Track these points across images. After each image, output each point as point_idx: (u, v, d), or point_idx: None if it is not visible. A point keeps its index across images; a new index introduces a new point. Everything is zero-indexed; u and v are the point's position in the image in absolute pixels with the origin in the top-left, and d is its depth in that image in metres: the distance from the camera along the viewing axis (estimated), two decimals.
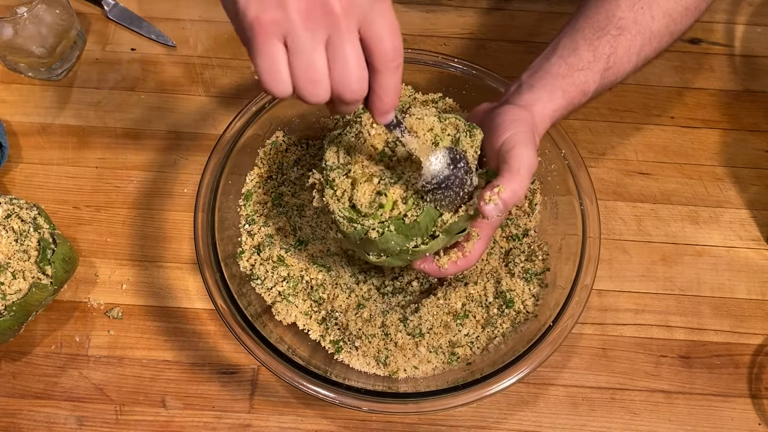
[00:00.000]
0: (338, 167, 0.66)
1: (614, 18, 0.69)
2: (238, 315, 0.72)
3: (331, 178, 0.65)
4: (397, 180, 0.65)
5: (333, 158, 0.67)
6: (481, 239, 0.68)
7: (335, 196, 0.65)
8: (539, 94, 0.67)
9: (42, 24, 0.90)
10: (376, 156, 0.66)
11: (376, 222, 0.64)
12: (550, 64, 0.69)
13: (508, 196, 0.61)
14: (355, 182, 0.65)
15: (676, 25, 0.72)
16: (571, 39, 0.70)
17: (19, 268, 0.76)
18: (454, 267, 0.68)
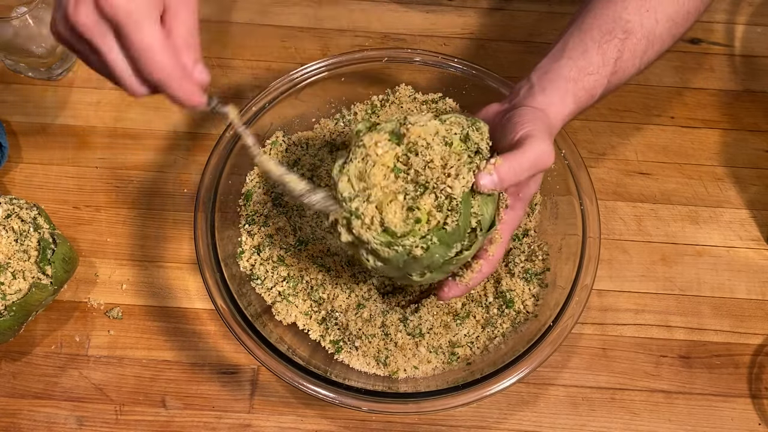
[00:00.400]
0: (357, 195, 0.63)
1: (621, 20, 0.69)
2: (238, 315, 0.72)
3: (354, 207, 0.63)
4: (423, 190, 0.62)
5: (348, 188, 0.64)
6: (503, 241, 0.68)
7: (364, 225, 0.62)
8: (552, 98, 0.67)
9: (42, 24, 0.90)
10: (390, 174, 0.63)
11: (417, 238, 0.61)
12: (560, 66, 0.69)
13: (506, 171, 0.61)
14: (381, 205, 0.62)
15: (678, 29, 0.72)
16: (579, 39, 0.70)
17: (19, 268, 0.76)
18: (479, 276, 0.68)
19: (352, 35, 1.01)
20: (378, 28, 1.01)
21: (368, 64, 0.84)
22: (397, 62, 0.85)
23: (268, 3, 1.03)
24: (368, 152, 0.63)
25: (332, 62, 0.83)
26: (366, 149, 0.64)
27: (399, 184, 0.63)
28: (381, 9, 1.03)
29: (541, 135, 0.63)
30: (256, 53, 0.99)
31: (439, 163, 0.62)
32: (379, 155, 0.63)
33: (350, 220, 0.63)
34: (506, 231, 0.68)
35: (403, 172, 0.63)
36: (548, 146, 0.63)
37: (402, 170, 0.63)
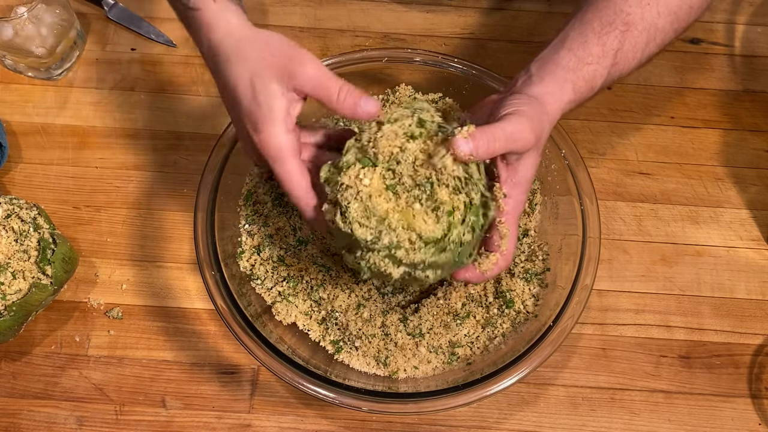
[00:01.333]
0: (379, 231, 0.61)
1: (622, 13, 0.69)
2: (238, 315, 0.72)
3: (387, 243, 0.61)
4: (431, 186, 0.61)
5: (366, 233, 0.61)
6: (511, 233, 0.67)
7: (409, 250, 0.61)
8: (550, 87, 0.67)
9: (42, 24, 0.90)
10: (389, 194, 0.62)
11: (460, 227, 0.61)
12: (559, 57, 0.69)
13: (479, 136, 0.60)
14: (408, 224, 0.61)
15: (680, 23, 0.72)
16: (579, 32, 0.70)
17: (19, 268, 0.76)
18: (496, 269, 0.68)
19: (352, 35, 1.01)
20: (378, 28, 1.01)
21: (368, 64, 0.84)
22: (397, 62, 0.85)
23: (268, 3, 1.03)
24: (357, 189, 0.61)
25: (332, 62, 0.83)
26: (352, 188, 0.61)
27: (405, 197, 0.62)
28: (381, 9, 1.03)
29: (524, 114, 0.63)
30: None
31: (423, 157, 0.61)
32: (368, 185, 0.61)
33: (393, 255, 0.61)
34: (511, 221, 0.67)
35: (398, 185, 0.62)
36: (526, 124, 0.62)
37: (394, 184, 0.62)
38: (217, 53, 0.65)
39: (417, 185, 0.61)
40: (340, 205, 0.62)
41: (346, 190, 0.62)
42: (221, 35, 0.65)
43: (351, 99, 0.63)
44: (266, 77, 0.63)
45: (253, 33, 0.65)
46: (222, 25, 0.65)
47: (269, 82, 0.63)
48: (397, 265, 0.62)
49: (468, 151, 0.60)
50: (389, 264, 0.62)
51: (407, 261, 0.61)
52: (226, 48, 0.65)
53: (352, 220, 0.61)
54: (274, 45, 0.64)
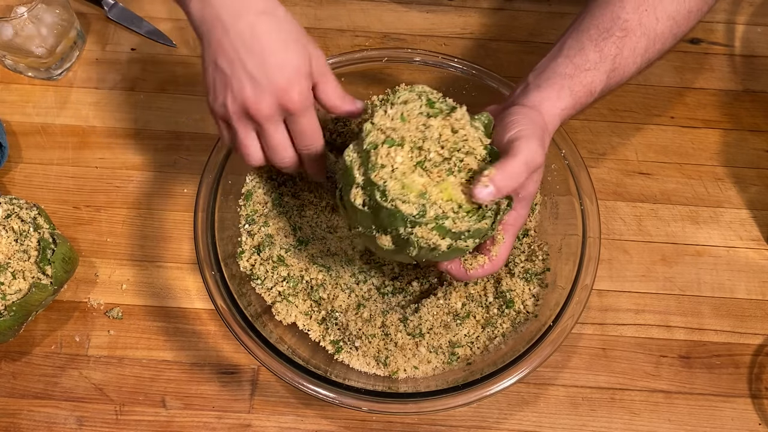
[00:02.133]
0: (423, 205, 0.62)
1: (619, 20, 0.69)
2: (238, 315, 0.72)
3: (433, 215, 0.61)
4: (462, 157, 0.62)
5: (411, 207, 0.62)
6: (506, 242, 0.68)
7: (455, 218, 0.62)
8: (547, 93, 0.67)
9: (42, 24, 0.90)
10: (421, 170, 0.63)
11: None
12: (557, 64, 0.69)
13: (501, 180, 0.60)
14: (447, 196, 0.62)
15: (679, 28, 0.72)
16: (576, 40, 0.70)
17: (19, 268, 0.76)
18: (481, 271, 0.68)
19: (352, 35, 1.01)
20: (378, 28, 1.01)
21: (368, 64, 0.84)
22: (397, 62, 0.85)
23: None
24: (392, 168, 0.62)
25: (332, 62, 0.83)
26: (386, 167, 0.62)
27: (437, 171, 0.62)
28: (381, 9, 1.03)
29: (529, 134, 0.63)
30: None
31: (448, 133, 0.63)
32: (401, 162, 0.62)
33: (441, 226, 0.62)
34: (509, 232, 0.68)
35: (426, 161, 0.62)
36: (536, 145, 0.63)
37: (423, 161, 0.62)
38: (247, 3, 0.65)
39: (445, 159, 0.62)
40: (376, 185, 0.62)
41: (381, 169, 0.62)
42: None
43: (341, 91, 0.71)
44: (301, 39, 0.67)
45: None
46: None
47: (302, 46, 0.67)
48: (443, 236, 0.62)
49: (489, 198, 0.61)
50: (436, 236, 0.62)
51: (455, 230, 0.62)
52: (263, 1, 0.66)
53: (394, 197, 0.61)
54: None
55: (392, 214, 0.61)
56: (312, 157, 0.72)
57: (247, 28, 0.65)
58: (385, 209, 0.61)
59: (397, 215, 0.61)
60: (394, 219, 0.61)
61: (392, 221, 0.62)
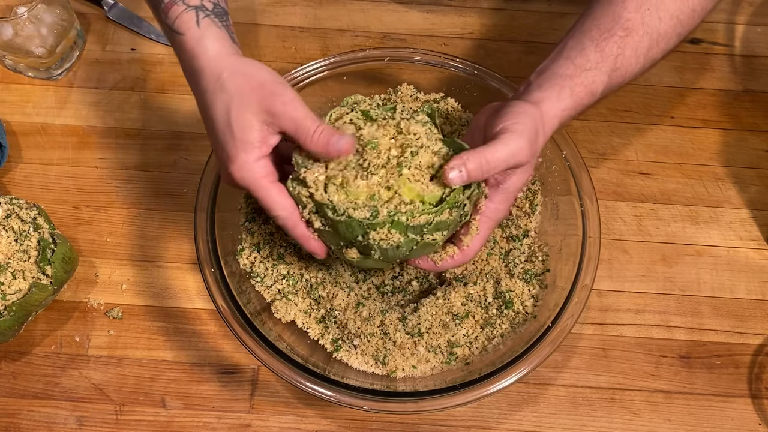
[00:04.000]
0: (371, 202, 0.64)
1: (621, 19, 0.69)
2: (238, 312, 0.72)
3: (389, 212, 0.63)
4: (412, 155, 0.64)
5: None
6: (480, 234, 0.68)
7: (412, 212, 0.62)
8: (547, 93, 0.67)
9: (42, 24, 0.90)
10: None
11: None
12: (557, 65, 0.69)
13: (473, 167, 0.61)
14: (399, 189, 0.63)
15: (683, 27, 0.72)
16: (578, 40, 0.70)
17: (19, 268, 0.76)
18: (450, 261, 0.68)
19: (352, 35, 1.01)
20: (378, 28, 1.01)
21: (369, 64, 0.84)
22: (399, 62, 0.85)
23: (268, 3, 1.03)
24: (323, 185, 0.65)
25: (333, 61, 0.83)
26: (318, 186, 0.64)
27: (384, 172, 0.64)
28: (381, 9, 1.03)
29: (519, 130, 0.63)
30: (256, 53, 0.99)
31: (389, 133, 0.65)
32: (324, 174, 0.65)
33: (397, 222, 0.62)
34: (485, 223, 0.68)
35: (369, 167, 0.64)
36: (524, 143, 0.63)
37: (366, 166, 0.64)
38: (199, 81, 0.66)
39: (389, 159, 0.64)
40: (324, 205, 0.63)
41: (319, 189, 0.64)
42: (203, 63, 0.65)
43: (324, 138, 0.63)
44: (243, 109, 0.63)
45: (235, 63, 0.65)
46: (203, 53, 0.65)
47: (245, 114, 0.63)
48: (403, 233, 0.63)
49: (458, 181, 0.62)
50: (395, 234, 0.63)
51: (414, 224, 0.62)
52: (207, 77, 0.65)
53: (345, 208, 0.62)
54: (255, 77, 0.64)
55: (347, 224, 0.63)
56: (288, 231, 0.68)
57: (201, 106, 0.67)
58: (341, 222, 0.63)
59: (352, 224, 0.62)
60: (352, 228, 0.63)
61: (351, 231, 0.63)
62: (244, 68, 0.65)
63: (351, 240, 0.64)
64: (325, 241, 0.67)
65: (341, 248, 0.66)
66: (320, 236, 0.67)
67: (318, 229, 0.65)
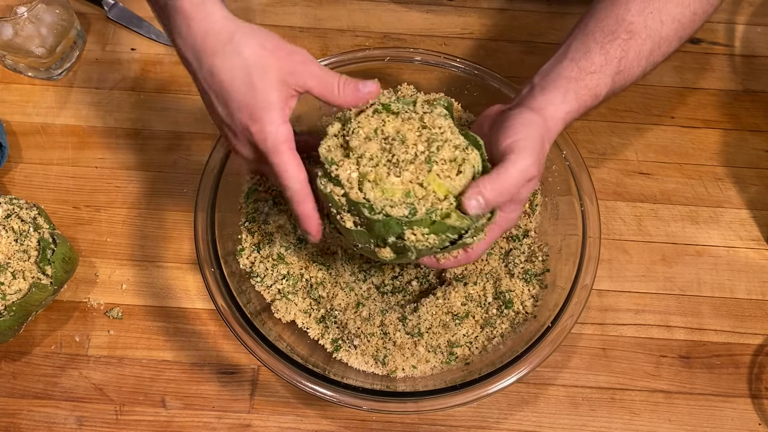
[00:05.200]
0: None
1: (624, 22, 0.69)
2: (238, 312, 0.72)
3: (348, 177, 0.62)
4: (438, 147, 0.63)
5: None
6: (486, 239, 0.67)
7: (438, 200, 0.62)
8: (552, 96, 0.67)
9: (42, 24, 0.90)
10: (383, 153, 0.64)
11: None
12: (562, 67, 0.69)
13: (491, 196, 0.61)
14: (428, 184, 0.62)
15: (685, 30, 0.72)
16: (582, 42, 0.69)
17: (19, 268, 0.76)
18: (453, 261, 0.68)
19: (352, 35, 1.01)
20: (378, 28, 1.01)
21: (369, 64, 0.84)
22: (399, 62, 0.85)
23: (268, 3, 1.03)
24: (357, 181, 0.63)
25: (333, 61, 0.83)
26: (352, 182, 0.63)
27: (414, 167, 0.62)
28: (381, 9, 1.03)
29: (527, 147, 0.63)
30: None
31: (414, 127, 0.64)
32: (356, 171, 0.63)
33: (439, 222, 0.62)
34: (493, 230, 0.68)
35: (395, 162, 0.63)
36: (533, 159, 0.63)
37: (394, 162, 0.63)
38: (202, 47, 0.63)
39: (417, 154, 0.62)
40: (360, 204, 0.61)
41: (354, 186, 0.62)
42: (205, 27, 0.63)
43: (350, 87, 0.64)
44: (264, 69, 0.62)
45: (244, 26, 0.63)
46: (205, 17, 0.63)
47: (268, 74, 0.62)
48: (441, 233, 0.62)
49: (478, 210, 0.61)
50: (431, 235, 0.62)
51: (455, 225, 0.62)
52: (215, 39, 0.62)
53: (382, 207, 0.61)
54: (269, 39, 0.63)
55: (385, 223, 0.61)
56: (293, 205, 0.66)
57: (207, 72, 0.63)
58: (377, 222, 0.61)
59: (390, 222, 0.61)
60: (389, 227, 0.61)
61: (387, 230, 0.62)
62: (254, 31, 0.63)
63: (385, 239, 0.63)
64: (353, 240, 0.65)
65: (371, 246, 0.64)
66: (347, 236, 0.65)
67: (348, 229, 0.63)
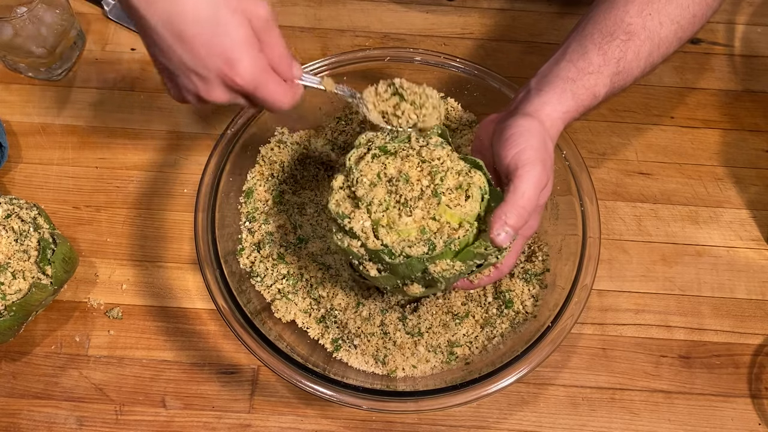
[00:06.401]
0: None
1: (623, 23, 0.69)
2: (238, 312, 0.72)
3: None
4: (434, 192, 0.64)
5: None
6: (513, 250, 0.68)
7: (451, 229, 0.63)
8: (548, 97, 0.67)
9: (42, 24, 0.90)
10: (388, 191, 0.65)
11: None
12: (560, 68, 0.69)
13: (514, 221, 0.61)
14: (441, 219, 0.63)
15: (684, 32, 0.72)
16: (580, 44, 0.70)
17: (19, 268, 0.76)
18: (487, 279, 0.68)
19: (352, 35, 1.01)
20: (378, 28, 1.01)
21: (369, 64, 0.84)
22: (399, 62, 0.85)
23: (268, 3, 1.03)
24: (376, 227, 0.63)
25: (333, 61, 0.83)
26: (366, 232, 0.63)
27: (423, 203, 0.63)
28: (381, 9, 1.03)
29: (532, 157, 0.63)
30: None
31: (414, 163, 0.65)
32: (371, 218, 0.64)
33: (460, 252, 0.63)
34: (517, 242, 0.68)
35: (403, 202, 0.64)
36: (540, 168, 0.63)
37: (402, 202, 0.64)
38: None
39: (423, 190, 0.63)
40: (378, 251, 0.62)
41: (370, 236, 0.63)
42: None
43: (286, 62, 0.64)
44: (230, 8, 0.60)
45: None
46: None
47: (233, 12, 0.60)
48: (465, 259, 0.63)
49: (508, 241, 0.61)
50: (457, 262, 0.62)
51: (477, 251, 0.62)
52: None
53: (401, 250, 0.62)
54: None
55: (408, 264, 0.62)
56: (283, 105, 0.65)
57: (164, 16, 0.59)
58: (400, 265, 0.62)
59: (412, 262, 0.62)
60: (412, 267, 0.62)
61: (411, 270, 0.63)
62: None
63: (411, 277, 0.64)
64: (380, 284, 0.67)
65: (400, 287, 0.66)
66: (373, 282, 0.66)
67: (373, 277, 0.64)
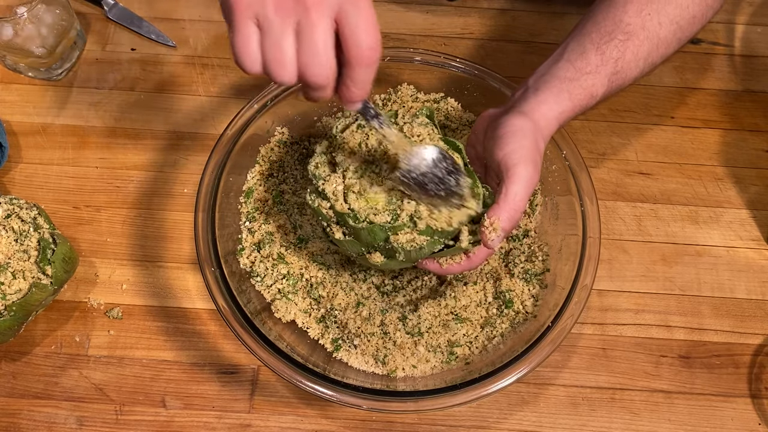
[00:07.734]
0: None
1: (622, 23, 0.69)
2: (238, 312, 0.72)
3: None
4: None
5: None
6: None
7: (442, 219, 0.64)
8: (544, 96, 0.67)
9: (42, 24, 0.90)
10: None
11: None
12: (557, 68, 0.69)
13: (507, 224, 0.62)
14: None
15: (683, 33, 0.72)
16: (578, 43, 0.70)
17: (19, 268, 0.76)
18: (455, 267, 0.68)
19: None
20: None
21: None
22: (399, 62, 0.85)
23: None
24: (342, 194, 0.67)
25: None
26: (337, 195, 0.66)
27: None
28: (381, 9, 1.03)
29: (523, 156, 0.63)
30: None
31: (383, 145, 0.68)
32: (344, 183, 0.66)
33: (428, 229, 0.65)
34: None
35: (377, 173, 0.66)
36: (530, 168, 0.63)
37: (377, 173, 0.66)
38: None
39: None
40: (345, 214, 0.65)
41: (339, 199, 0.66)
42: None
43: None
44: None
45: None
46: None
47: None
48: (427, 235, 0.64)
49: (500, 242, 0.62)
50: (419, 236, 0.64)
51: (443, 228, 0.64)
52: None
53: (365, 215, 0.65)
54: None
55: (370, 230, 0.64)
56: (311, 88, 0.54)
57: None
58: (362, 230, 0.64)
59: (374, 229, 0.64)
60: (374, 233, 0.65)
61: (373, 236, 0.65)
62: None
63: (374, 245, 0.66)
64: (346, 250, 0.69)
65: (363, 254, 0.68)
66: (340, 246, 0.69)
67: (339, 240, 0.67)
